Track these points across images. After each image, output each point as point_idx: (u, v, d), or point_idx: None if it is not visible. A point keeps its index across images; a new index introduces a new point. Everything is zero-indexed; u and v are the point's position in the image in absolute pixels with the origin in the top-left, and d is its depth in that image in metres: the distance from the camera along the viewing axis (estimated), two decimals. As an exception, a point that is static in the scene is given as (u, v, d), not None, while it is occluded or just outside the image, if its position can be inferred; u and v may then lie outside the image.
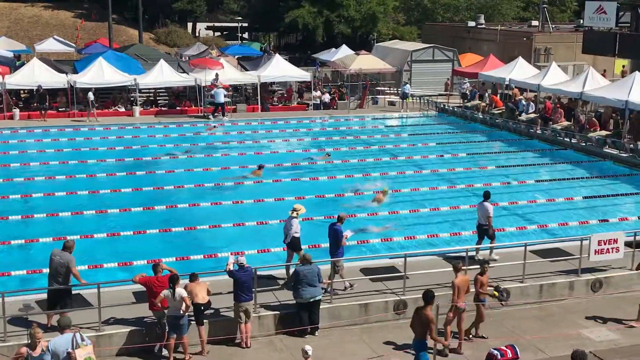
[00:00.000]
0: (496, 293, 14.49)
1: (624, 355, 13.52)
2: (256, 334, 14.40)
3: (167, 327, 13.49)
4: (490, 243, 17.67)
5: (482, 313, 14.33)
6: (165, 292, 13.27)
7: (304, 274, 14.37)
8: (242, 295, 13.95)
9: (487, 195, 18.04)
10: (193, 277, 13.95)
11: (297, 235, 16.38)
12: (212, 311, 14.30)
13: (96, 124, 35.90)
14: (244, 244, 18.97)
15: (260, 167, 26.42)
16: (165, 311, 13.45)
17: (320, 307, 14.67)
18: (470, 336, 14.42)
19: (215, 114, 37.84)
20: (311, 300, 14.43)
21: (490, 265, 14.88)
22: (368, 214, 22.15)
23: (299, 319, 14.52)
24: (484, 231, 17.78)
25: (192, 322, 13.75)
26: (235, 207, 22.89)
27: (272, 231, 20.76)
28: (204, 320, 13.90)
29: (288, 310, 14.76)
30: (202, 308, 13.80)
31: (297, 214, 16.40)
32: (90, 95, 36.36)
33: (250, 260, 15.20)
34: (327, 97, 42.05)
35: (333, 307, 15.05)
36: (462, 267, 13.74)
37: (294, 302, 14.59)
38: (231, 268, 14.16)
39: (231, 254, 15.44)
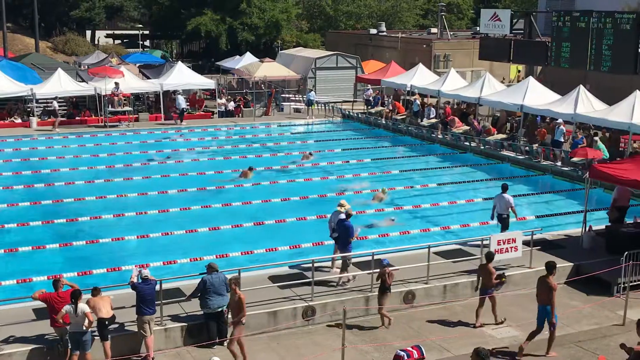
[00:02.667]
0: (503, 279, 15.60)
1: (525, 351, 13.97)
2: (163, 347, 14.13)
3: (69, 344, 13.07)
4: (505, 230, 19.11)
5: (494, 299, 15.35)
6: (67, 308, 12.86)
7: (210, 282, 14.18)
8: (145, 309, 13.63)
9: (505, 188, 19.67)
10: (95, 292, 13.59)
11: None
12: (116, 326, 13.95)
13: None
14: (149, 256, 18.62)
15: (250, 169, 27.22)
16: (68, 327, 13.03)
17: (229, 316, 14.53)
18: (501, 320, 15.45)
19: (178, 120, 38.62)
20: (219, 309, 14.26)
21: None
22: (276, 221, 22.14)
23: (207, 329, 14.34)
24: (504, 220, 19.30)
25: (95, 338, 13.37)
26: (139, 219, 22.43)
27: (178, 242, 20.51)
28: (108, 336, 13.53)
29: (195, 321, 14.55)
30: (107, 323, 13.43)
31: (344, 209, 17.04)
32: (55, 104, 36.49)
33: (156, 273, 14.93)
34: (232, 105, 41.83)
35: (241, 316, 14.92)
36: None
37: (202, 312, 14.40)
38: (135, 281, 13.86)
39: (135, 266, 15.11)
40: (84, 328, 12.88)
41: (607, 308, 16.09)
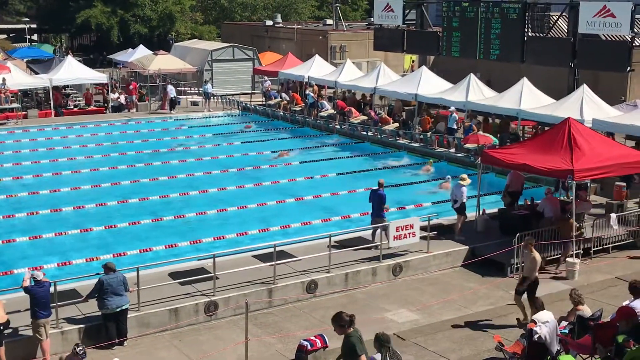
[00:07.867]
0: (582, 230, 17.79)
1: (424, 333, 14.31)
2: (60, 350, 13.59)
3: (-40, 353, 12.48)
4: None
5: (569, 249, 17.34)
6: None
7: (108, 282, 13.80)
8: (40, 312, 13.14)
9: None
10: (-14, 297, 13.01)
11: (464, 200, 18.77)
12: (10, 330, 13.39)
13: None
14: (42, 257, 17.97)
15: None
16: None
17: (128, 315, 14.19)
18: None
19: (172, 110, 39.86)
20: (117, 310, 13.89)
21: None
22: (175, 217, 21.80)
23: (105, 330, 13.95)
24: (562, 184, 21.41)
25: (-12, 345, 12.81)
26: (30, 219, 21.58)
27: (71, 242, 19.87)
28: (3, 341, 12.96)
29: (94, 322, 14.13)
30: (1, 328, 12.87)
31: (466, 182, 18.85)
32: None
33: (50, 274, 14.42)
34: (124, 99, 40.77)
35: (141, 315, 14.59)
36: None
37: (100, 313, 14.00)
38: (28, 284, 13.32)
39: (27, 269, 14.54)
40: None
41: (501, 288, 16.66)
